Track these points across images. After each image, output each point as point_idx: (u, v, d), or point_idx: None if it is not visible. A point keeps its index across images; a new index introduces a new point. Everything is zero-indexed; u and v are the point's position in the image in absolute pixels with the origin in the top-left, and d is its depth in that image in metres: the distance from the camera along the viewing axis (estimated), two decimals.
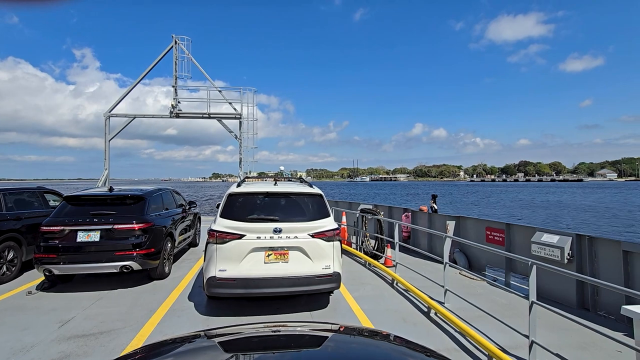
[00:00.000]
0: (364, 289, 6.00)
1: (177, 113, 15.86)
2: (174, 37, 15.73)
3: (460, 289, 5.54)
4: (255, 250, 4.54)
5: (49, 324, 4.39)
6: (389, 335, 1.69)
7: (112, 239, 5.61)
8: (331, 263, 4.75)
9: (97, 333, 4.15)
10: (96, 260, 5.51)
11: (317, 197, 5.17)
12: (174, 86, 15.72)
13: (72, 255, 5.47)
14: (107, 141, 15.62)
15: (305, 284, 4.58)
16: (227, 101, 16.13)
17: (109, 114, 15.69)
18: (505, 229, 6.84)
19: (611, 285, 3.05)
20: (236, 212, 4.81)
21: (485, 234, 7.33)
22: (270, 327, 1.83)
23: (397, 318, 4.79)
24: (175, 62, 15.73)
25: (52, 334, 4.11)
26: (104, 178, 15.44)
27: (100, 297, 5.39)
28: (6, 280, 6.11)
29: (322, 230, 4.79)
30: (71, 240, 5.50)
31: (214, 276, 4.45)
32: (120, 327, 4.31)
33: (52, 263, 5.39)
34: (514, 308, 5.07)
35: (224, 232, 4.56)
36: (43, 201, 7.50)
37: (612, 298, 4.82)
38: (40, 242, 5.49)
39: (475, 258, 7.68)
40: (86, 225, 5.59)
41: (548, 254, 5.62)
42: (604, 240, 5.20)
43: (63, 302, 5.19)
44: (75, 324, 4.42)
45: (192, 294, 5.54)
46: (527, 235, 6.20)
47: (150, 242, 5.87)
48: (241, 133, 16.16)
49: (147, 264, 5.82)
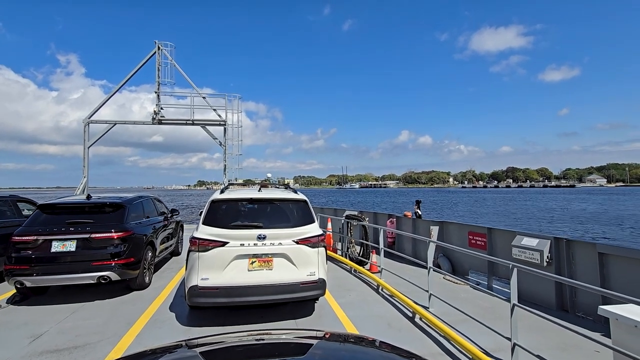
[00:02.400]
0: (350, 296, 5.97)
1: (160, 119, 15.60)
2: (157, 43, 15.54)
3: (445, 293, 5.58)
4: (238, 257, 4.46)
5: (19, 339, 4.16)
6: (375, 341, 1.68)
7: (89, 248, 5.40)
8: (316, 270, 4.71)
9: (72, 347, 3.97)
10: (72, 271, 5.29)
11: (302, 203, 5.14)
12: (157, 92, 15.47)
13: (46, 266, 5.24)
14: (86, 148, 15.17)
15: (290, 291, 4.52)
16: (212, 108, 15.99)
17: (88, 120, 15.28)
18: (487, 233, 6.96)
19: (587, 286, 3.13)
20: (219, 219, 4.72)
21: (468, 239, 7.44)
22: (254, 335, 1.78)
23: (383, 324, 4.77)
24: (158, 68, 15.51)
25: (22, 350, 3.90)
26: (82, 186, 14.96)
27: (75, 310, 5.17)
28: None
29: (306, 236, 4.75)
30: (45, 251, 5.27)
31: (196, 285, 4.34)
32: (96, 341, 4.13)
33: (24, 275, 5.15)
34: (497, 311, 5.14)
35: (207, 239, 4.47)
36: (16, 210, 7.19)
37: (589, 299, 4.96)
38: (12, 252, 5.24)
39: (458, 262, 7.78)
40: (61, 234, 5.37)
41: (528, 257, 5.75)
42: (580, 242, 5.36)
43: (35, 315, 4.95)
44: (48, 338, 4.21)
45: (174, 304, 5.38)
46: (508, 239, 6.32)
47: (129, 251, 5.68)
48: (226, 140, 16.00)
49: (126, 274, 5.63)
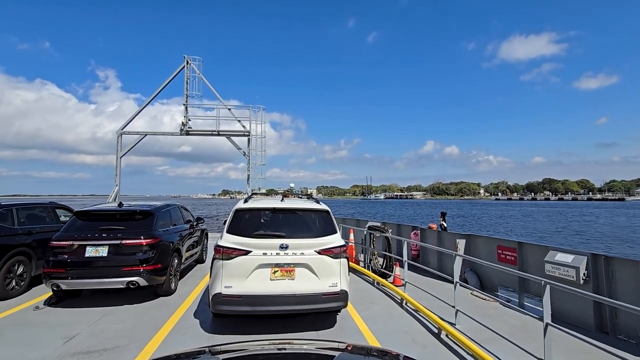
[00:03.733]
0: (372, 309, 5.85)
1: (187, 130, 16.19)
2: (186, 57, 16.25)
3: (472, 309, 5.37)
4: (261, 266, 4.50)
5: (54, 340, 4.36)
6: (399, 356, 1.63)
7: (119, 254, 5.62)
8: (338, 281, 4.66)
9: (102, 350, 4.11)
10: (104, 275, 5.51)
11: (324, 213, 5.14)
12: (185, 104, 16.13)
13: (80, 270, 5.49)
14: (118, 158, 15.94)
15: (312, 302, 4.49)
16: (236, 119, 16.43)
17: (121, 131, 16.09)
18: (518, 247, 6.67)
19: (631, 307, 2.92)
20: (243, 228, 4.79)
21: (497, 253, 7.15)
22: (276, 344, 1.79)
23: (407, 339, 4.64)
24: (187, 81, 16.19)
25: (56, 350, 4.08)
26: (115, 194, 15.67)
27: (106, 313, 5.36)
28: (15, 295, 6.13)
29: (328, 246, 4.73)
30: (80, 255, 5.53)
31: (220, 292, 4.40)
32: (124, 344, 4.26)
33: (60, 278, 5.41)
34: (529, 330, 4.88)
35: (230, 247, 4.54)
36: (54, 216, 7.60)
37: (632, 321, 4.61)
38: (50, 256, 5.54)
39: (487, 278, 7.47)
40: (95, 240, 5.63)
41: (562, 273, 5.44)
42: (621, 260, 5.03)
43: (69, 317, 5.18)
44: (80, 340, 4.38)
45: (198, 311, 5.48)
46: (540, 255, 6.03)
47: (157, 257, 5.86)
48: (249, 150, 16.35)
49: (153, 280, 5.80)
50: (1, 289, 5.89)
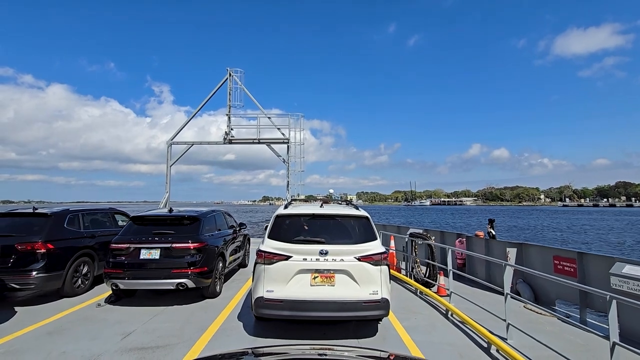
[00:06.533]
0: (415, 319, 5.66)
1: (230, 139, 16.94)
2: (229, 70, 17.07)
3: (526, 324, 4.99)
4: (301, 271, 4.54)
5: (113, 336, 4.72)
6: None
7: (170, 257, 5.97)
8: (379, 288, 4.57)
9: (155, 347, 4.37)
10: (156, 277, 5.89)
11: (364, 219, 5.09)
12: (228, 114, 16.91)
13: (136, 271, 5.91)
14: (168, 166, 17.04)
15: (352, 309, 4.44)
16: (276, 127, 16.90)
17: (171, 142, 17.21)
18: (577, 258, 6.11)
19: None
20: (283, 233, 4.88)
21: (553, 264, 6.61)
22: (317, 349, 1.79)
23: (453, 352, 4.41)
24: (229, 92, 17.00)
25: (115, 345, 4.41)
26: (165, 200, 16.75)
27: (158, 313, 5.70)
28: (80, 293, 6.74)
29: (368, 253, 4.67)
30: (135, 257, 5.96)
31: (262, 296, 4.50)
32: (175, 343, 4.50)
33: (118, 278, 5.87)
34: (592, 349, 4.43)
35: (272, 252, 4.64)
36: (113, 221, 8.28)
37: None
38: (110, 258, 6.03)
39: (542, 290, 6.92)
40: (148, 243, 6.04)
41: (632, 288, 4.89)
42: None
43: (126, 315, 5.58)
44: (136, 336, 4.70)
45: (241, 314, 5.64)
46: (604, 267, 5.47)
47: (203, 261, 6.15)
48: (289, 157, 16.71)
49: (200, 282, 6.08)
50: (69, 287, 6.50)
